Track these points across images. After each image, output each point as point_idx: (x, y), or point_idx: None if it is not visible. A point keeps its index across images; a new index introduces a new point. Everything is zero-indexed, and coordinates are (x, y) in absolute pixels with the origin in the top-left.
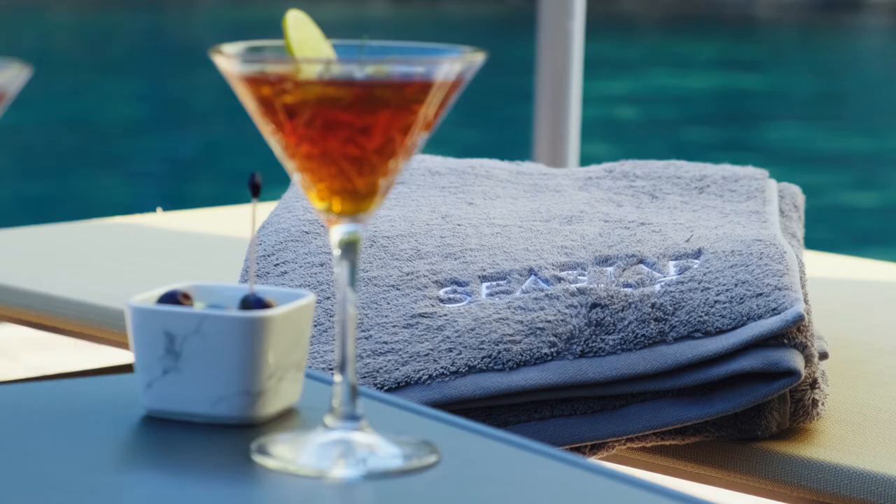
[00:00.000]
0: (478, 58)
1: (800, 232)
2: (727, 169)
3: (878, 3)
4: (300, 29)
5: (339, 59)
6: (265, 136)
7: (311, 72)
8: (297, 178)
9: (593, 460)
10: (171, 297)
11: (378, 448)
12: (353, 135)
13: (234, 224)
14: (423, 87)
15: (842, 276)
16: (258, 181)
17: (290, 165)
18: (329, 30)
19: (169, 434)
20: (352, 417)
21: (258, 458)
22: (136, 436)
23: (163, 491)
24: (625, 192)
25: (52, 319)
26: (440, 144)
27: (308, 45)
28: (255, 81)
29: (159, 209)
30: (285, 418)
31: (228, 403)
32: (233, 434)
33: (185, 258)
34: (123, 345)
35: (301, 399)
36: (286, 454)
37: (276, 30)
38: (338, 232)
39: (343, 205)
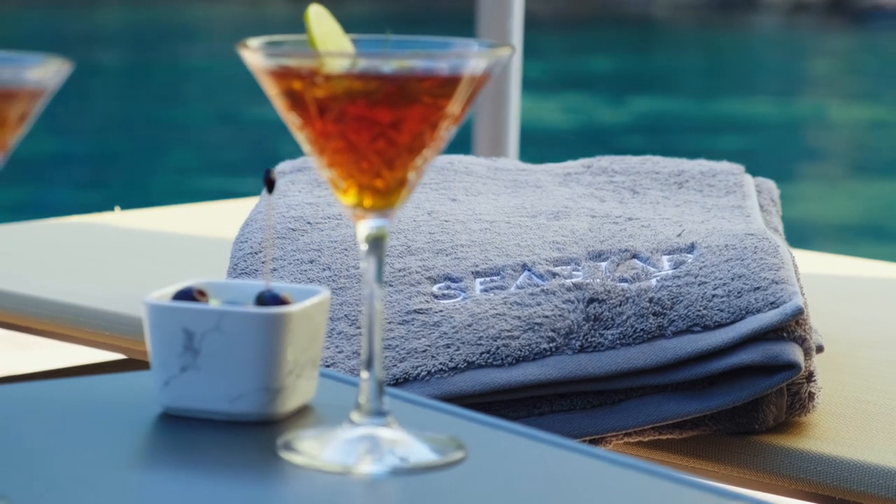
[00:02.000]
0: (504, 52)
1: (780, 226)
2: (703, 164)
3: (772, 2)
4: (322, 24)
5: (370, 52)
6: (292, 132)
7: (340, 66)
8: (325, 173)
9: (620, 454)
10: (186, 294)
11: (405, 444)
12: (384, 130)
13: (194, 222)
14: (452, 82)
15: (807, 271)
16: (273, 177)
17: (319, 161)
18: (236, 30)
19: (188, 432)
20: (379, 413)
21: (284, 455)
22: (154, 434)
23: (189, 487)
24: (605, 187)
25: (21, 319)
26: None
27: (330, 39)
28: (284, 75)
29: (117, 208)
30: (302, 415)
31: (248, 400)
32: (252, 431)
33: (150, 257)
34: (94, 343)
35: (313, 396)
36: (312, 450)
37: (181, 30)
38: (364, 227)
39: (373, 199)
